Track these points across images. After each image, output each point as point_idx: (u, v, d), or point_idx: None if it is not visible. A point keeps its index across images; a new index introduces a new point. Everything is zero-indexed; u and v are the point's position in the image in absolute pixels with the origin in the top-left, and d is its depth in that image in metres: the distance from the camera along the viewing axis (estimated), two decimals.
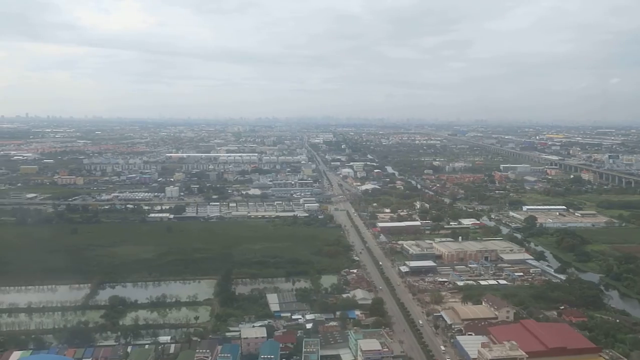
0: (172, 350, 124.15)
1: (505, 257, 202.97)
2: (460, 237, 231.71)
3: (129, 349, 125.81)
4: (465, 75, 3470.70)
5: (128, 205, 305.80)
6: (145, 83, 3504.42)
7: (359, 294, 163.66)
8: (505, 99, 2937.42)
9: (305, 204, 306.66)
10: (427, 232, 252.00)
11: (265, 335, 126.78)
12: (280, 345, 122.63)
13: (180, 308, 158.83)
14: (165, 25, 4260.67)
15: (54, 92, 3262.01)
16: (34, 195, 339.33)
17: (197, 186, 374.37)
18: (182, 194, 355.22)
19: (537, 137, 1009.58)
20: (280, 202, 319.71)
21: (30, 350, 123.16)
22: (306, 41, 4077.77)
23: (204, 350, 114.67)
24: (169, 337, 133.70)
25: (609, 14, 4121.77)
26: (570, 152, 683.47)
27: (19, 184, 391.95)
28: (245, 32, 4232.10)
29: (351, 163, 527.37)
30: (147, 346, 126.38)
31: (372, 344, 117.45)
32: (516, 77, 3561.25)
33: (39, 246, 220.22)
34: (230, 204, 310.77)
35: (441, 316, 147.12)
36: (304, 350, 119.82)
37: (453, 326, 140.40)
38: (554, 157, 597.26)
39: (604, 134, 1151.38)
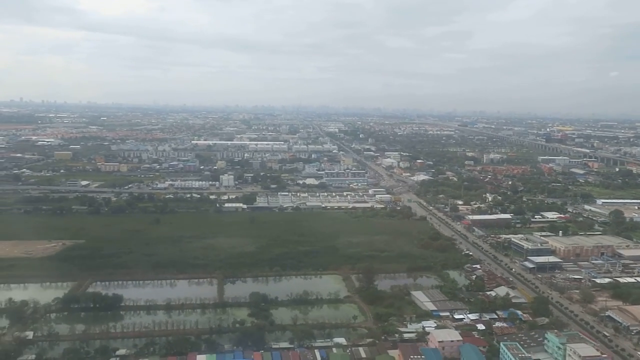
0: (363, 354, 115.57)
1: (625, 252, 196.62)
2: (560, 231, 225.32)
3: (297, 350, 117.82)
4: (463, 66, 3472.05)
5: (194, 195, 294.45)
6: (140, 69, 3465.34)
7: (502, 291, 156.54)
8: (503, 90, 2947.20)
9: (377, 195, 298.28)
10: (518, 225, 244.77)
11: (461, 338, 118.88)
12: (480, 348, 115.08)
13: (322, 306, 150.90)
14: (165, 11, 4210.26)
15: (48, 76, 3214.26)
16: (87, 182, 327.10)
17: (251, 175, 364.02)
18: (236, 183, 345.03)
19: (548, 129, 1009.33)
20: (351, 192, 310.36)
21: (215, 355, 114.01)
22: (305, 29, 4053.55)
23: (418, 357, 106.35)
24: (343, 339, 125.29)
25: (608, 7, 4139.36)
26: (595, 144, 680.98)
27: (62, 170, 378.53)
28: (245, 19, 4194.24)
29: (387, 153, 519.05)
30: (335, 350, 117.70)
31: (588, 350, 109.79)
32: (514, 69, 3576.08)
33: (133, 238, 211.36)
34: (302, 194, 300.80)
35: (609, 316, 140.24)
36: (507, 354, 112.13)
37: (631, 328, 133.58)
38: (585, 150, 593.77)
39: (610, 127, 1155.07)
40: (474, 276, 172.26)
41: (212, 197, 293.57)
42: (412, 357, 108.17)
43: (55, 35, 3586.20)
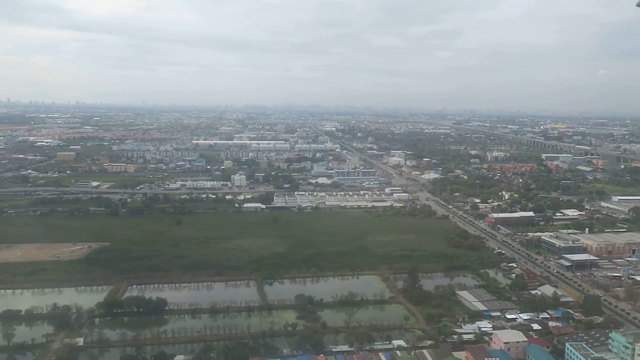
0: (429, 357, 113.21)
1: None
2: (586, 229, 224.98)
3: (361, 353, 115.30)
4: (452, 64, 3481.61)
5: (210, 195, 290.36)
6: (127, 69, 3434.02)
7: (548, 290, 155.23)
8: (492, 88, 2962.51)
9: (394, 194, 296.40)
10: (541, 223, 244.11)
11: (525, 338, 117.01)
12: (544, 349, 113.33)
13: (368, 307, 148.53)
14: (152, 10, 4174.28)
15: (35, 76, 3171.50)
16: (97, 183, 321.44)
17: (262, 175, 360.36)
18: (247, 182, 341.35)
19: (542, 127, 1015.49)
20: (366, 191, 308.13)
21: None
22: (294, 28, 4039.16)
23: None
24: (402, 341, 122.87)
25: (596, 5, 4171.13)
26: (593, 142, 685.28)
27: (68, 172, 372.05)
28: (233, 18, 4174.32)
29: (391, 152, 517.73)
30: (399, 353, 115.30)
31: None
32: (503, 67, 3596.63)
33: (158, 239, 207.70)
34: (319, 194, 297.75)
35: None
36: (575, 354, 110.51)
37: None
38: (586, 147, 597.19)
39: (601, 125, 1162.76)
40: (514, 275, 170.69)
41: (227, 197, 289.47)
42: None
43: (42, 35, 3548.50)
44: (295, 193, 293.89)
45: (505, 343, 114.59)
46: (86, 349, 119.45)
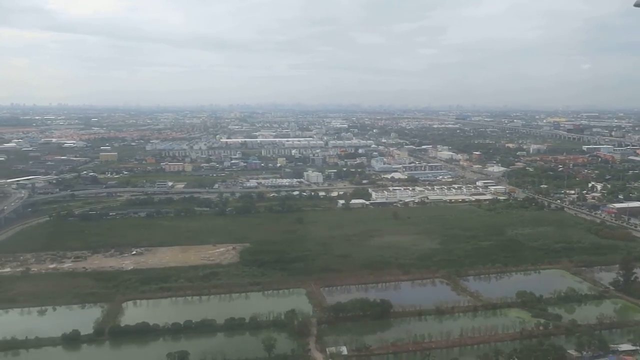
0: None
1: None
2: None
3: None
4: (436, 61, 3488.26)
5: (302, 193, 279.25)
6: (108, 70, 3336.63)
7: None
8: (477, 84, 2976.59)
9: (489, 187, 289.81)
10: None
11: None
12: None
13: (586, 302, 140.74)
14: (136, 10, 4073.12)
15: (14, 79, 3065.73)
16: (171, 183, 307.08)
17: (334, 171, 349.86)
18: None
19: (545, 121, 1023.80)
20: (460, 185, 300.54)
21: None
22: (279, 26, 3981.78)
23: None
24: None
25: (579, 1, 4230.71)
26: (613, 134, 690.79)
27: (124, 172, 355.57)
28: (219, 17, 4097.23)
29: (438, 147, 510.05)
30: None
31: None
32: (488, 63, 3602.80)
33: (296, 239, 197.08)
34: (417, 188, 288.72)
35: None
36: None
37: None
38: (617, 138, 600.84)
39: (596, 118, 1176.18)
40: None
41: (320, 194, 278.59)
42: None
43: (22, 37, 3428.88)
44: (395, 189, 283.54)
45: None
46: (350, 358, 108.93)
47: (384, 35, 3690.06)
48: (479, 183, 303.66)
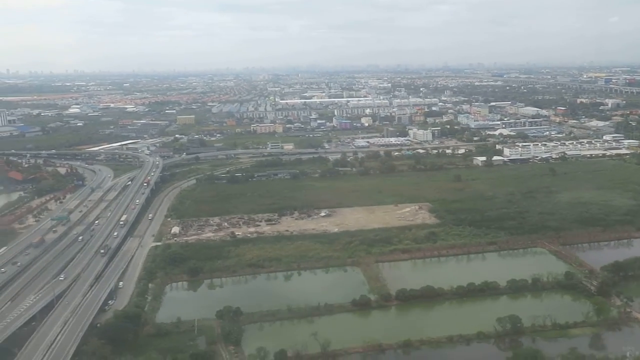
0: None
1: None
2: None
3: None
4: (452, 18, 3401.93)
5: (430, 152, 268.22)
6: (120, 35, 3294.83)
7: None
8: (494, 42, 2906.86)
9: (620, 141, 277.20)
10: None
11: None
12: None
13: None
14: None
15: (28, 46, 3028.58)
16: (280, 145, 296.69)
17: (438, 129, 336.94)
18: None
19: (585, 77, 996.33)
20: (598, 139, 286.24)
21: None
22: None
23: None
24: None
25: None
26: None
27: (217, 135, 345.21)
28: None
29: (518, 104, 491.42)
30: None
31: None
32: (506, 19, 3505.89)
33: (470, 197, 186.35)
34: (549, 144, 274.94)
35: None
36: None
37: None
38: None
39: (634, 72, 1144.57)
40: None
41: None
42: None
43: (33, 2, 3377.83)
44: (530, 144, 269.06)
45: None
46: None
47: None
48: (606, 137, 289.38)
